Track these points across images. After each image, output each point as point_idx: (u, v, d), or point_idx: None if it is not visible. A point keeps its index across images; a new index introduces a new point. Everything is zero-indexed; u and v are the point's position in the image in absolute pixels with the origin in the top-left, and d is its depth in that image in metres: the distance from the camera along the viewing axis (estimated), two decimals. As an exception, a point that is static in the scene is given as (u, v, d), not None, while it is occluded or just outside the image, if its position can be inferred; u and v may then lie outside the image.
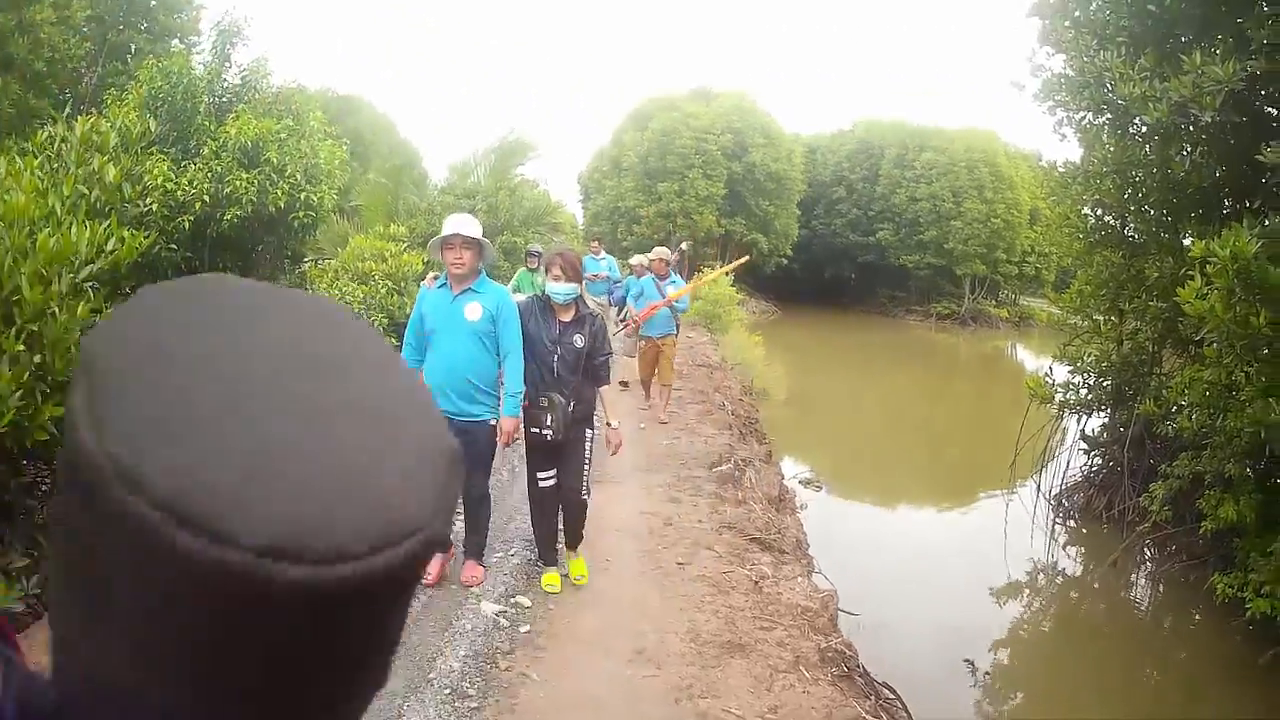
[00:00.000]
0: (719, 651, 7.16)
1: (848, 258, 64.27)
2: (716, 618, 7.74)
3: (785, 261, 61.07)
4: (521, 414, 7.78)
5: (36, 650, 3.63)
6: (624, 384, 17.11)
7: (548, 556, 8.46)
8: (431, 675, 6.61)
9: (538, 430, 7.71)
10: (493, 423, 7.55)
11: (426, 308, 7.67)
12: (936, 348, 49.57)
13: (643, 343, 15.75)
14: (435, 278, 7.85)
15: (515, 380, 7.50)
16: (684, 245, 21.11)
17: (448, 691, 6.41)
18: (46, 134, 9.85)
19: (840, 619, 9.05)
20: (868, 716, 6.48)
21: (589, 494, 8.33)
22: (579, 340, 7.74)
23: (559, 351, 7.73)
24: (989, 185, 56.54)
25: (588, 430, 8.11)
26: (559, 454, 8.01)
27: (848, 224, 63.69)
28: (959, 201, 56.63)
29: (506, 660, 6.92)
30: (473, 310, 7.39)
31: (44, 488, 8.45)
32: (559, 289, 7.66)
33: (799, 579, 9.25)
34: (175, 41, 22.30)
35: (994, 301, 61.55)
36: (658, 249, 17.09)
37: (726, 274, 14.06)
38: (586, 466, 8.21)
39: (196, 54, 21.11)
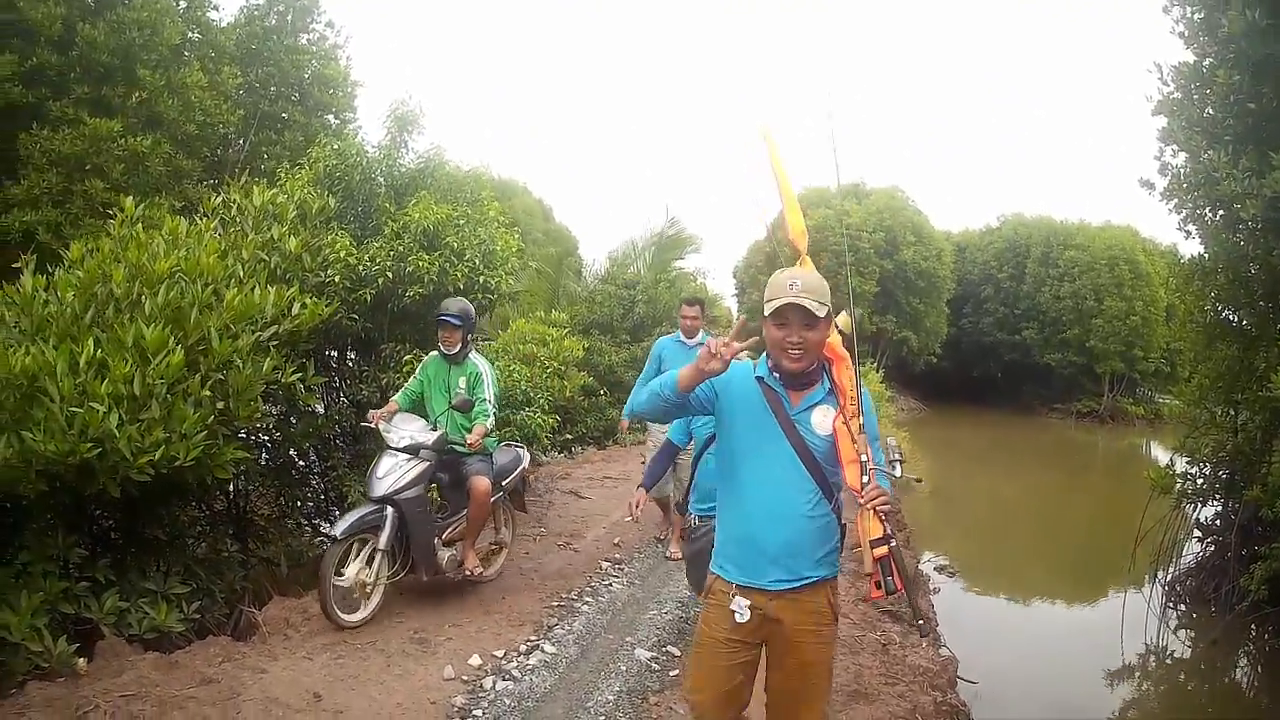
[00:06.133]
0: (846, 699, 7.75)
1: (995, 356, 64.47)
2: (846, 672, 8.27)
3: (935, 360, 61.87)
4: None
5: (197, 663, 4.83)
6: None
7: None
8: (589, 704, 7.30)
9: None
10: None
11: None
12: (1075, 445, 49.34)
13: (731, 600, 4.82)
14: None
15: None
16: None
17: (602, 718, 7.12)
18: (220, 199, 10.59)
19: (960, 687, 9.53)
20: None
21: None
22: None
23: None
24: (1128, 282, 56.43)
25: None
26: None
27: (995, 323, 64.08)
28: (1100, 299, 56.63)
29: (656, 697, 7.60)
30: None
31: (199, 527, 9.47)
32: None
33: (924, 647, 9.75)
34: (330, 116, 23.17)
35: (1131, 399, 60.89)
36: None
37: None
38: None
39: (350, 128, 22.27)
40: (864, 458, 4.51)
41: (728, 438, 4.95)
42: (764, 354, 4.95)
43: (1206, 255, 13.51)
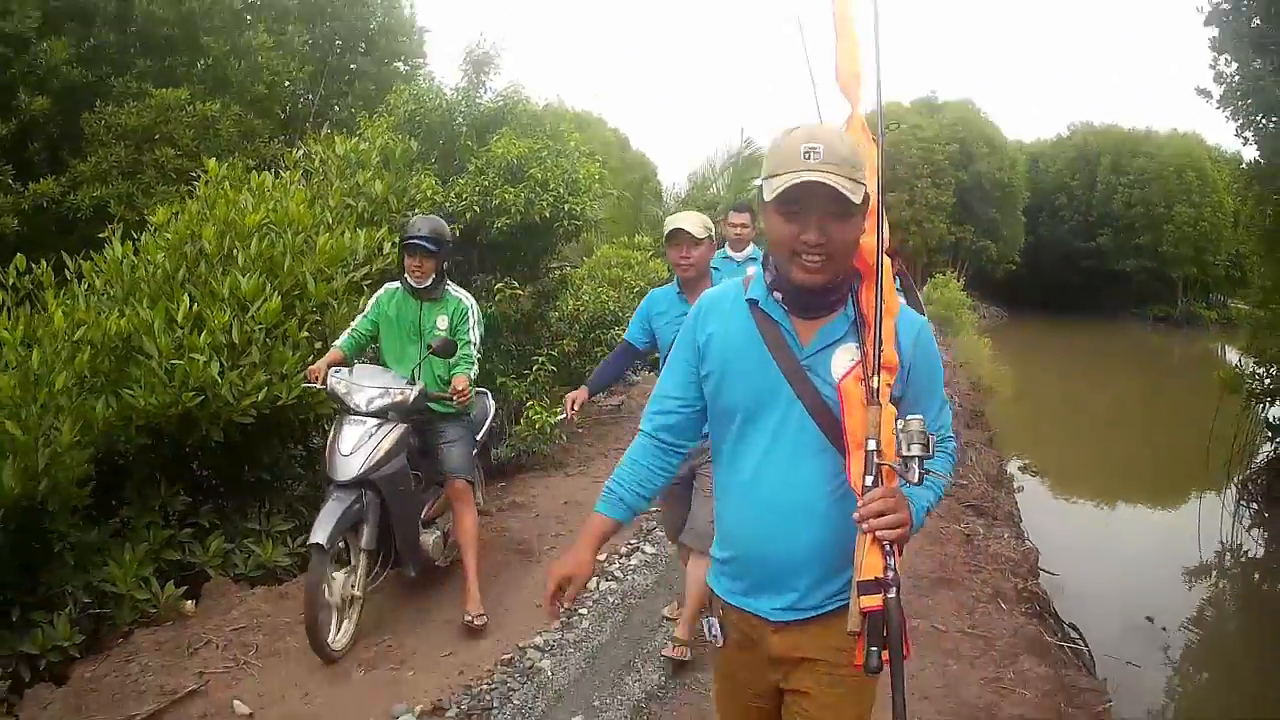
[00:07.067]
0: (931, 585, 8.06)
1: (1071, 263, 64.01)
2: (931, 560, 8.63)
3: (1014, 267, 61.90)
4: None
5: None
6: None
7: None
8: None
9: None
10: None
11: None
12: (1150, 350, 49.62)
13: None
14: None
15: None
16: None
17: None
18: (302, 152, 10.94)
19: (1042, 578, 9.85)
20: (1048, 638, 7.37)
21: None
22: None
23: None
24: (1196, 189, 56.27)
25: None
26: None
27: (1070, 231, 63.89)
28: (1170, 205, 56.42)
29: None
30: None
31: (298, 467, 9.42)
32: None
33: (1006, 538, 10.16)
34: (399, 64, 23.28)
35: (1204, 304, 60.98)
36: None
37: None
38: None
39: (421, 74, 22.32)
40: (872, 445, 2.63)
41: (716, 398, 3.09)
42: (760, 265, 3.10)
43: (1262, 161, 13.53)
